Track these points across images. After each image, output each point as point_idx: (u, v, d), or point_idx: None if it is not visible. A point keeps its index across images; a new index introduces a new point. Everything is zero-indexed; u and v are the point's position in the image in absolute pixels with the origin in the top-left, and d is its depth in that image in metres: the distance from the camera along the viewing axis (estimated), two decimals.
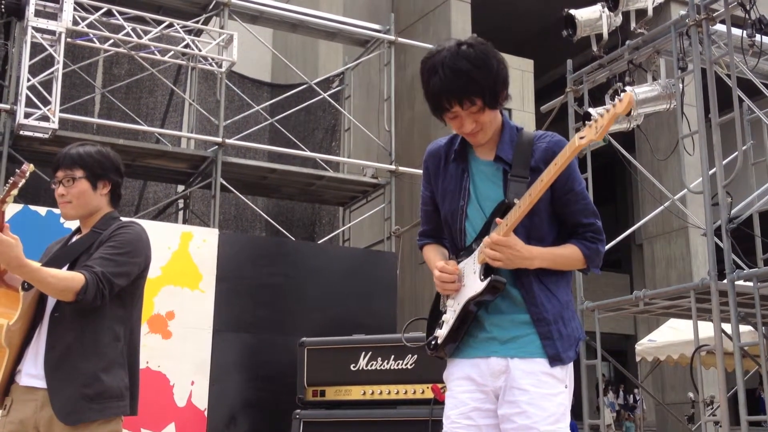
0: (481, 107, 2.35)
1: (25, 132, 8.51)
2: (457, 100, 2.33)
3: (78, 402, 2.72)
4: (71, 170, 2.94)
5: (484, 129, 2.41)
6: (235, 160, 10.30)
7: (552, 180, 2.23)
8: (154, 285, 7.01)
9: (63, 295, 2.70)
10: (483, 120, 2.38)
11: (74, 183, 2.93)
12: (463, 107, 2.35)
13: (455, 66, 2.30)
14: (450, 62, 2.31)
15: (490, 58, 2.34)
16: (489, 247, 2.30)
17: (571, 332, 2.37)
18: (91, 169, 2.95)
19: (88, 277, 2.71)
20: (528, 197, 2.25)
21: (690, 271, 14.86)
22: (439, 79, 2.32)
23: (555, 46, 9.74)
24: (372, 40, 11.73)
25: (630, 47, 6.97)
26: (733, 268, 5.88)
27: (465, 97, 2.32)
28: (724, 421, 5.99)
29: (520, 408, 2.29)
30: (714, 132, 6.15)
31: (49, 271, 2.68)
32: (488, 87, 2.33)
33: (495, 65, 2.35)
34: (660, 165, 12.53)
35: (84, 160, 2.95)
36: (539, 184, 2.24)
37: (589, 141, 2.19)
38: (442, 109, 2.38)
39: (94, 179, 2.95)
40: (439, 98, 2.35)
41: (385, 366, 5.41)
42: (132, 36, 9.42)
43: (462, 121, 2.39)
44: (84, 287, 2.68)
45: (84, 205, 2.95)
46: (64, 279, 2.69)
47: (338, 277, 7.98)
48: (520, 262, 2.32)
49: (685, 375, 9.32)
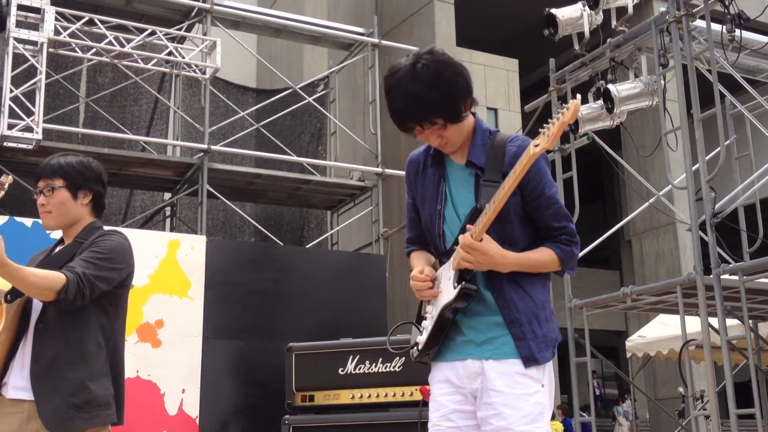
0: (442, 125, 2.37)
1: (9, 143, 8.47)
2: (416, 123, 2.37)
3: (66, 411, 2.71)
4: (51, 180, 2.94)
5: (450, 142, 2.43)
6: (222, 167, 10.29)
7: (513, 188, 2.26)
8: (143, 293, 7.01)
9: (44, 294, 2.69)
10: (447, 135, 2.40)
11: (54, 193, 2.93)
12: (423, 128, 2.38)
13: (409, 92, 2.32)
14: (404, 86, 2.33)
15: (444, 74, 2.33)
16: (461, 248, 2.32)
17: (547, 332, 2.38)
18: (71, 179, 2.95)
19: (69, 276, 2.71)
20: (492, 204, 2.28)
21: (679, 266, 14.93)
22: (397, 103, 2.35)
23: (539, 46, 9.77)
24: (356, 44, 11.74)
25: (611, 45, 7.00)
26: (719, 263, 5.91)
27: (424, 120, 2.35)
28: (714, 415, 6.01)
29: (496, 410, 2.30)
30: (696, 127, 6.18)
31: (30, 270, 2.67)
32: (445, 107, 2.34)
33: (452, 79, 2.34)
34: (646, 162, 12.58)
35: (64, 170, 2.94)
36: (501, 192, 2.26)
37: (543, 149, 2.22)
38: (406, 129, 2.41)
39: (75, 189, 2.95)
40: (400, 120, 2.39)
41: (374, 369, 5.42)
42: (115, 45, 9.39)
43: (427, 137, 2.42)
44: (65, 286, 2.68)
45: (64, 215, 2.95)
46: (44, 278, 2.68)
47: (327, 280, 7.99)
48: (491, 265, 2.33)
49: (675, 370, 9.33)
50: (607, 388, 22.12)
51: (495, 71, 15.18)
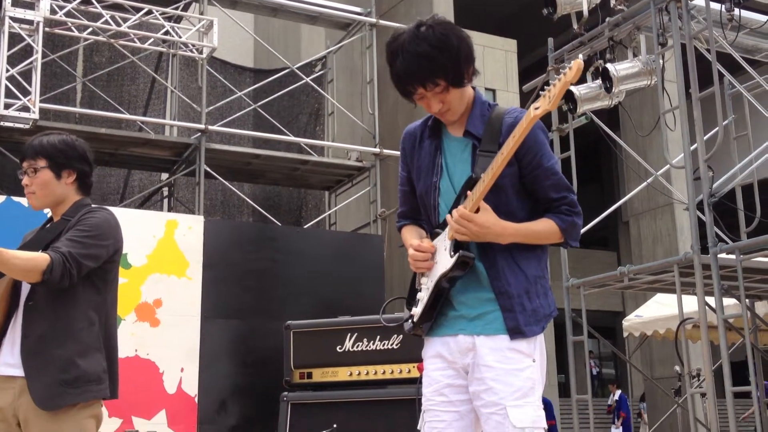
0: (445, 87, 2.35)
1: (6, 123, 8.44)
2: (419, 83, 2.34)
3: (55, 387, 2.72)
4: (34, 160, 2.93)
5: (452, 108, 2.41)
6: (219, 147, 10.26)
7: (512, 152, 2.24)
8: (141, 273, 7.01)
9: (29, 275, 2.70)
10: (449, 99, 2.38)
11: (37, 173, 2.92)
12: (426, 89, 2.35)
13: (414, 50, 2.30)
14: (409, 46, 2.31)
15: (450, 37, 2.32)
16: (454, 220, 2.31)
17: (536, 307, 2.37)
18: (53, 159, 2.93)
19: (53, 256, 2.71)
20: (490, 170, 2.26)
21: (676, 246, 14.96)
22: (401, 64, 2.33)
23: (538, 26, 9.73)
24: (353, 23, 11.68)
25: (610, 24, 6.97)
26: (716, 242, 5.92)
27: (427, 80, 2.33)
28: (710, 393, 6.05)
29: (487, 385, 2.32)
30: (695, 107, 6.18)
31: (12, 253, 2.68)
32: (450, 67, 2.32)
33: (455, 43, 2.32)
34: (644, 142, 12.57)
35: (46, 150, 2.93)
36: (500, 157, 2.25)
37: (544, 111, 2.19)
38: (407, 92, 2.39)
39: (58, 168, 2.94)
40: (402, 82, 2.37)
41: (371, 347, 5.45)
42: (111, 24, 9.34)
43: (428, 101, 2.40)
44: (49, 266, 2.68)
45: (48, 195, 2.95)
46: (27, 259, 2.69)
47: (325, 261, 7.99)
48: (486, 236, 2.32)
49: (672, 349, 9.35)
50: (605, 368, 22.26)
51: (493, 52, 15.11)
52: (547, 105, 2.18)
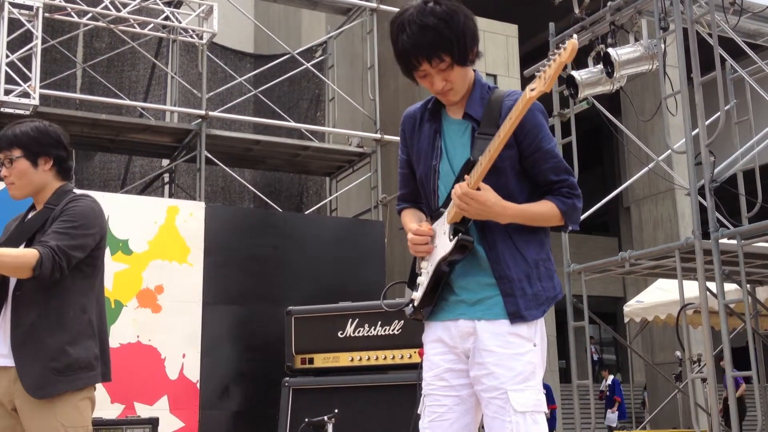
0: (449, 64, 2.33)
1: (6, 109, 8.43)
2: (425, 57, 2.32)
3: (46, 376, 2.73)
4: (9, 151, 2.92)
5: (454, 87, 2.39)
6: (220, 133, 10.25)
7: (509, 134, 2.23)
8: (142, 259, 7.01)
9: (19, 272, 2.71)
10: (453, 78, 2.36)
11: (13, 164, 2.91)
12: (431, 64, 2.33)
13: (422, 22, 2.28)
14: (417, 18, 2.29)
15: (457, 13, 2.31)
16: (457, 197, 2.29)
17: (537, 291, 2.36)
18: (28, 148, 2.91)
19: (42, 251, 2.71)
20: (487, 153, 2.25)
21: (677, 232, 14.95)
22: (407, 36, 2.31)
23: (539, 11, 9.70)
24: (354, 8, 11.63)
25: (612, 8, 6.94)
26: (717, 227, 5.92)
27: (433, 54, 2.31)
28: (711, 379, 6.06)
29: (488, 369, 2.31)
30: (696, 92, 6.16)
31: (1, 251, 2.69)
32: (456, 42, 2.30)
33: (462, 20, 2.31)
34: (646, 127, 12.55)
35: (19, 140, 2.91)
36: (497, 140, 2.24)
37: (540, 92, 2.18)
38: (411, 68, 2.37)
39: (33, 157, 2.92)
40: (407, 56, 2.34)
41: (373, 332, 5.45)
42: (111, 9, 9.30)
43: (432, 79, 2.37)
44: (39, 261, 2.69)
45: (27, 185, 2.94)
46: (16, 256, 2.70)
47: (326, 246, 7.99)
48: (490, 215, 2.31)
49: (673, 335, 9.38)
50: (605, 353, 22.29)
51: (495, 37, 15.06)
52: (542, 86, 2.17)
